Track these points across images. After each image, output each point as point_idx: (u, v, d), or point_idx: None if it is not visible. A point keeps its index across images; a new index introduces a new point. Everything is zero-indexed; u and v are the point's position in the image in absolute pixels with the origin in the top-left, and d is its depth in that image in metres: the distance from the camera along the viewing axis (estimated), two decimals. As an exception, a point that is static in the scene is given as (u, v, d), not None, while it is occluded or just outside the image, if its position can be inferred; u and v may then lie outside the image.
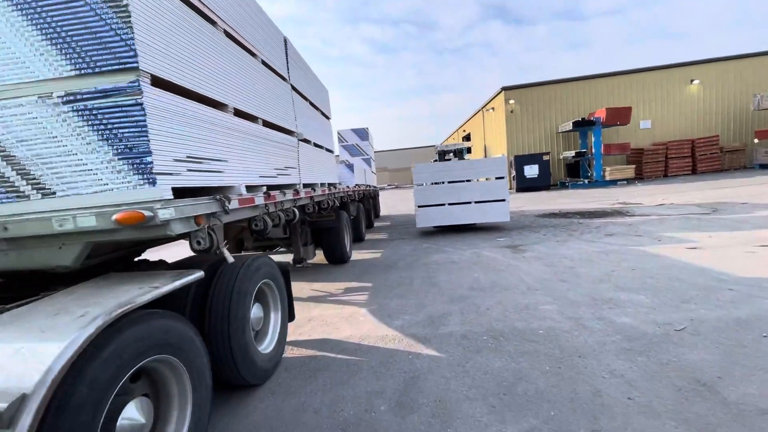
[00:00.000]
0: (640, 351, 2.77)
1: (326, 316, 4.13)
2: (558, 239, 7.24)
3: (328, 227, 6.32)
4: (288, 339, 3.55)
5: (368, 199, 11.30)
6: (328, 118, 6.09)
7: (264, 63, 3.31)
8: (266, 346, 2.91)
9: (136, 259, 2.82)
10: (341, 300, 4.66)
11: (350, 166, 8.65)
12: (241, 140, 2.76)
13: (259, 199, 2.87)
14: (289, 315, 3.41)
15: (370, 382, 2.70)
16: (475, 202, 8.95)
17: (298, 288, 5.37)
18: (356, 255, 7.50)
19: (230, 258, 2.27)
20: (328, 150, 5.85)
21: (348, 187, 7.45)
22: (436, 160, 9.55)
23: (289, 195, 3.58)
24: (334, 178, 6.02)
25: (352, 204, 8.53)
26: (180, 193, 2.03)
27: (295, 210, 3.74)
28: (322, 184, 5.22)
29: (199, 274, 2.06)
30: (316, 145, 5.03)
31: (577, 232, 7.88)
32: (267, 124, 3.30)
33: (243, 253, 3.04)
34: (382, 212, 17.21)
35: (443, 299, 4.30)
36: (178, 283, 1.86)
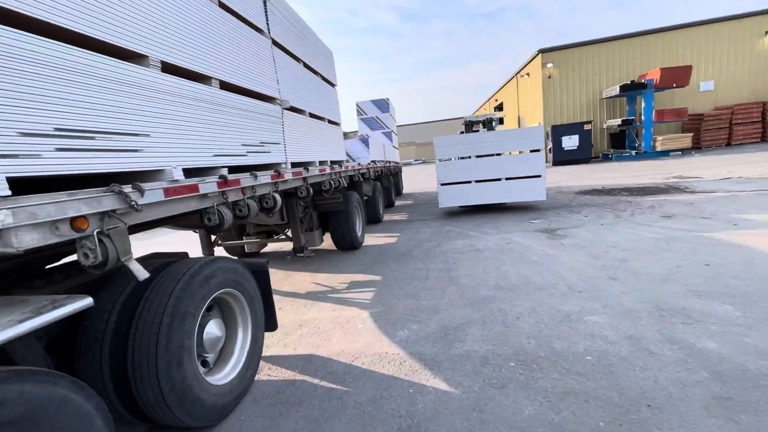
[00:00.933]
0: (741, 403, 1.91)
1: (321, 320, 3.49)
2: (603, 222, 6.19)
3: (336, 210, 5.63)
4: (269, 352, 2.95)
5: (388, 177, 10.50)
6: (332, 85, 5.27)
7: (222, 3, 2.54)
8: (226, 374, 2.29)
9: (48, 266, 2.24)
10: (342, 298, 4.01)
11: (365, 141, 7.85)
12: (179, 107, 2.05)
13: (209, 186, 2.18)
14: (269, 325, 2.79)
15: (352, 429, 2.03)
16: (506, 179, 7.94)
17: (298, 281, 4.77)
18: (370, 239, 6.81)
19: (141, 273, 1.61)
20: (332, 122, 5.07)
21: (360, 164, 6.68)
22: (462, 132, 8.55)
23: (265, 178, 2.87)
24: (339, 155, 5.27)
25: (366, 183, 7.77)
26: (50, 185, 1.36)
27: (276, 196, 3.04)
28: (322, 163, 4.49)
29: (84, 302, 1.41)
30: (312, 116, 4.26)
31: (626, 212, 6.76)
32: (229, 87, 2.57)
33: (195, 256, 2.42)
34: (406, 189, 16.36)
35: (462, 302, 3.54)
36: (24, 328, 1.21)
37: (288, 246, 6.63)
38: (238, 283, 2.41)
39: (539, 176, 7.79)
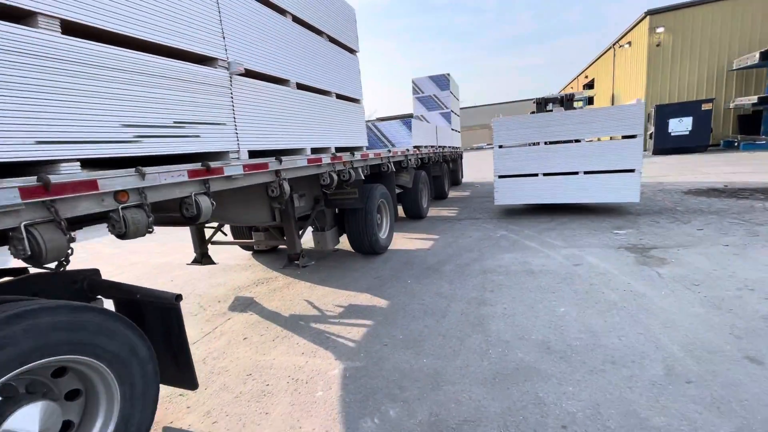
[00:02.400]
0: None
1: (277, 371, 2.54)
2: (728, 240, 4.30)
3: (351, 208, 4.62)
4: (179, 424, 2.09)
5: (440, 165, 9.17)
6: (350, 51, 4.18)
7: None
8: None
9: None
10: (325, 333, 3.02)
11: (407, 123, 6.64)
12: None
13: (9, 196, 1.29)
14: (184, 382, 1.94)
15: None
16: (585, 173, 6.18)
17: (290, 296, 3.88)
18: (401, 240, 5.70)
19: None
20: (344, 98, 4.01)
21: (394, 151, 5.54)
22: (533, 113, 6.89)
23: (171, 176, 1.93)
24: (354, 140, 4.20)
25: (404, 173, 6.62)
26: None
27: (200, 199, 2.10)
28: (317, 150, 3.48)
29: None
30: (305, 88, 3.25)
31: (766, 226, 4.70)
32: (82, 33, 1.64)
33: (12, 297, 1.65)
34: (468, 178, 14.75)
35: (480, 370, 2.32)
36: None
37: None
38: (86, 346, 1.53)
39: (633, 170, 5.90)
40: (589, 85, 32.09)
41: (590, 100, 25.43)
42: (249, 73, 2.53)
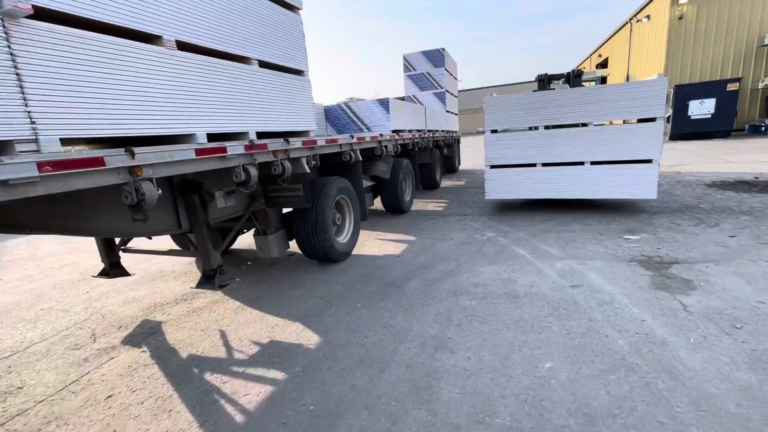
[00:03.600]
0: None
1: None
2: (775, 256, 3.36)
3: (297, 208, 3.75)
4: None
5: (430, 152, 8.18)
6: (286, 5, 3.22)
7: None
8: None
9: None
10: (210, 396, 2.19)
11: (383, 104, 5.68)
12: None
13: None
14: None
15: None
16: (592, 164, 5.20)
17: (203, 325, 3.03)
18: (370, 243, 4.83)
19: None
20: (274, 66, 3.09)
21: (356, 137, 4.60)
22: (535, 92, 5.90)
23: None
24: (291, 122, 3.29)
25: (381, 162, 5.69)
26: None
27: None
28: (222, 137, 2.59)
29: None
30: (189, 47, 2.33)
31: (820, 236, 3.74)
32: None
33: None
34: (467, 165, 13.71)
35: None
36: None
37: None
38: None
39: (650, 161, 4.91)
40: (603, 65, 30.31)
41: (603, 80, 23.88)
42: (52, 17, 1.63)
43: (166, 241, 4.19)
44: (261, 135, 3.02)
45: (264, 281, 3.86)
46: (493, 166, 5.76)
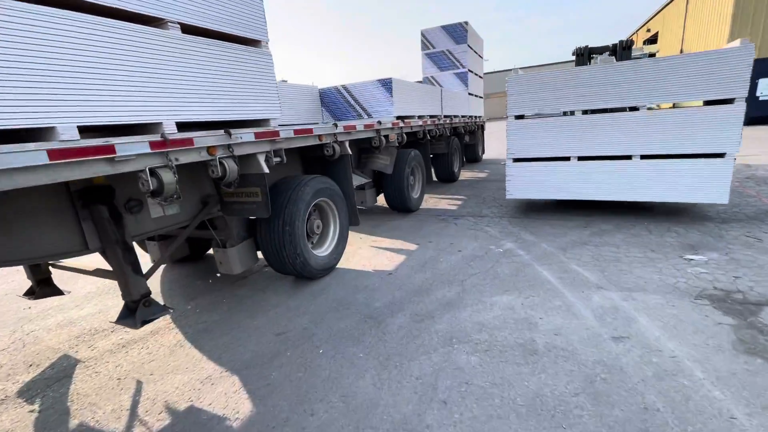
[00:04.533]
0: None
1: None
2: None
3: (258, 216, 3.02)
4: None
5: (445, 140, 7.21)
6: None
7: None
8: None
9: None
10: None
11: (386, 85, 4.81)
12: None
13: None
14: None
15: None
16: (643, 158, 4.15)
17: (122, 371, 2.35)
18: (361, 252, 4.04)
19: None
20: (209, 33, 2.32)
21: (340, 125, 3.79)
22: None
23: None
24: (238, 109, 2.52)
25: (382, 154, 4.87)
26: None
27: None
28: (134, 127, 1.86)
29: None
30: (99, 10, 1.59)
31: None
32: None
33: None
34: (491, 154, 12.55)
35: None
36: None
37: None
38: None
39: (722, 155, 3.82)
40: (652, 40, 27.49)
41: (652, 56, 21.50)
42: None
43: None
44: (192, 126, 2.28)
45: (222, 303, 3.19)
46: (516, 160, 4.79)
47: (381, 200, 5.94)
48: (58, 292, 3.00)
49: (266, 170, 2.73)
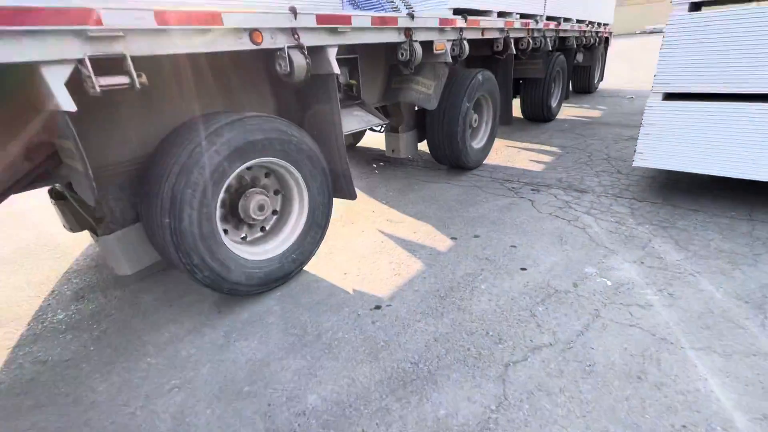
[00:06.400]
0: None
1: None
2: None
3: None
4: None
5: (544, 58, 4.68)
6: None
7: None
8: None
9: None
10: None
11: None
12: None
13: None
14: None
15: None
16: None
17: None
18: (367, 237, 2.48)
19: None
20: None
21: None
22: None
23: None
24: None
25: (425, 78, 2.95)
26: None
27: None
28: None
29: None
30: None
31: None
32: None
33: None
34: (609, 84, 9.07)
35: None
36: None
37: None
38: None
39: None
40: None
41: None
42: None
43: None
44: None
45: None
46: (670, 96, 2.52)
47: (423, 146, 4.07)
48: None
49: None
